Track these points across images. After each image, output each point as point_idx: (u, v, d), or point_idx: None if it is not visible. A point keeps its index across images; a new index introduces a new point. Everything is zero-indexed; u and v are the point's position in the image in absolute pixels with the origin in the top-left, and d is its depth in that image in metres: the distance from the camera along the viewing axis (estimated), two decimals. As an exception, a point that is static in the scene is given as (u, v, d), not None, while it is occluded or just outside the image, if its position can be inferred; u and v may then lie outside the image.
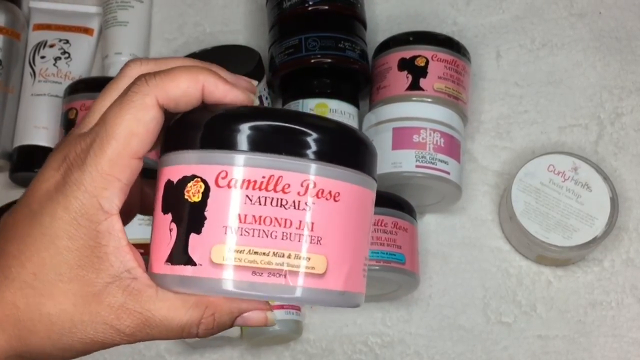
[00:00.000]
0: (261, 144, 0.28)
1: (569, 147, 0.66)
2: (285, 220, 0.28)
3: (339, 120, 0.30)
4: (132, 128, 0.28)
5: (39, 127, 0.67)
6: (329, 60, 0.61)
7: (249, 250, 0.27)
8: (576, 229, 0.59)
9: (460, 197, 0.62)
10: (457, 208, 0.64)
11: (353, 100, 0.64)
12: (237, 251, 0.27)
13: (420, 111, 0.60)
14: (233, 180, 0.28)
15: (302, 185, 0.28)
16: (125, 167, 0.28)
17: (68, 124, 0.64)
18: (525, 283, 0.62)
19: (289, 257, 0.28)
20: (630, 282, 0.62)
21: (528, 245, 0.61)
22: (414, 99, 0.61)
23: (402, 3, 0.72)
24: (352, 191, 0.29)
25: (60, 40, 0.70)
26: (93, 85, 0.65)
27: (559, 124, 0.67)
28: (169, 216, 0.29)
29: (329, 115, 0.61)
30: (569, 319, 0.61)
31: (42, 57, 0.70)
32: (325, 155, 0.28)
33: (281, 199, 0.28)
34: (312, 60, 0.61)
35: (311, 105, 0.62)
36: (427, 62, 0.61)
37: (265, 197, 0.27)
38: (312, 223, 0.28)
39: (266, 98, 0.65)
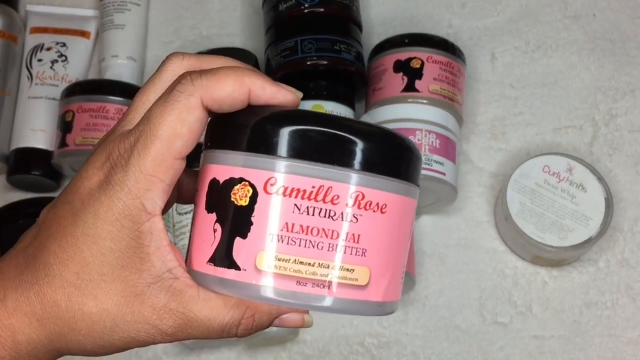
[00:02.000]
0: (311, 151, 0.27)
1: (563, 148, 0.66)
2: (332, 231, 0.28)
3: (389, 129, 0.30)
4: (176, 129, 0.28)
5: (36, 129, 0.67)
6: (325, 63, 0.61)
7: (295, 260, 0.27)
8: (571, 230, 0.59)
9: (455, 198, 0.62)
10: (453, 209, 0.65)
11: (349, 102, 0.64)
12: (282, 260, 0.27)
13: (416, 113, 0.60)
14: (282, 187, 0.27)
15: (350, 197, 0.28)
16: (169, 168, 0.28)
17: (65, 126, 0.64)
18: (520, 283, 0.62)
19: (333, 268, 0.28)
20: (625, 282, 0.62)
21: (523, 246, 0.61)
22: (409, 100, 0.61)
23: (397, 5, 0.73)
24: (398, 202, 0.29)
25: (57, 43, 0.71)
26: (90, 88, 0.65)
27: (554, 125, 0.67)
28: (214, 216, 0.29)
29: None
30: (565, 319, 0.61)
31: (39, 60, 0.70)
32: (374, 166, 0.28)
33: (329, 210, 0.27)
34: (308, 63, 0.61)
35: (307, 107, 0.62)
36: (422, 64, 0.62)
37: (314, 208, 0.27)
38: (359, 235, 0.28)
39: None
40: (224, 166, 0.29)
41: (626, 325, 0.61)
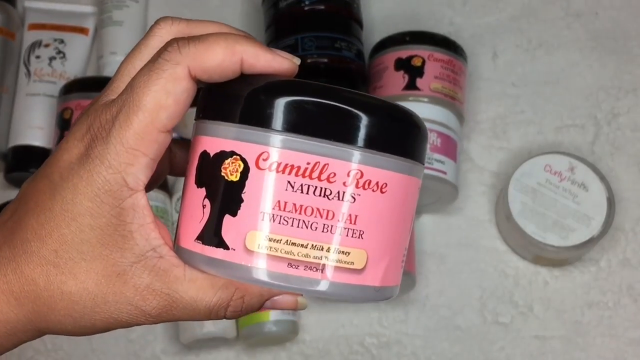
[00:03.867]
0: (308, 125, 0.26)
1: (565, 147, 0.66)
2: (328, 211, 0.26)
3: (393, 102, 0.28)
4: (161, 100, 0.26)
5: (34, 127, 0.67)
6: (325, 60, 0.61)
7: (287, 241, 0.26)
8: (573, 229, 0.59)
9: (456, 197, 0.62)
10: (454, 208, 0.64)
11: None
12: (273, 240, 0.26)
13: (417, 111, 0.59)
14: (275, 163, 0.26)
15: (348, 175, 0.26)
16: (153, 142, 0.26)
17: (63, 124, 0.63)
18: (522, 283, 0.62)
19: (327, 250, 0.26)
20: (626, 282, 0.62)
21: (525, 246, 0.60)
22: (410, 98, 0.61)
23: (398, 3, 0.72)
24: (400, 181, 0.27)
25: (55, 40, 0.70)
26: (88, 85, 0.64)
27: (556, 124, 0.67)
28: (203, 191, 0.27)
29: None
30: (566, 319, 0.61)
31: (37, 57, 0.69)
32: (376, 143, 0.26)
33: (325, 189, 0.26)
34: (309, 60, 0.61)
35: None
36: (423, 62, 0.61)
37: (309, 186, 0.26)
38: (356, 216, 0.26)
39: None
40: (215, 138, 0.27)
41: (628, 325, 0.61)
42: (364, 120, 0.26)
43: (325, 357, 0.61)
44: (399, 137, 0.27)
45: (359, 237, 0.27)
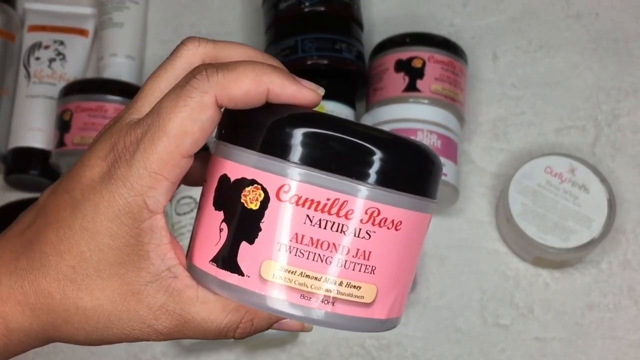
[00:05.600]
0: (330, 161, 0.26)
1: (566, 148, 0.66)
2: (343, 247, 0.26)
3: (412, 140, 0.28)
4: (187, 127, 0.26)
5: (33, 129, 0.67)
6: (325, 62, 0.61)
7: (301, 273, 0.27)
8: (573, 231, 0.59)
9: (457, 198, 0.61)
10: (454, 210, 0.64)
11: (350, 102, 0.64)
12: (288, 271, 0.26)
13: (417, 113, 0.60)
14: (296, 196, 0.26)
15: (366, 213, 0.26)
16: (175, 167, 0.27)
17: (63, 125, 0.63)
18: (522, 285, 0.62)
19: (340, 284, 0.27)
20: (627, 284, 0.62)
21: (525, 247, 0.60)
22: (410, 100, 0.61)
23: (398, 4, 0.72)
24: (414, 219, 0.28)
25: (55, 42, 0.70)
26: (88, 87, 0.64)
27: (556, 125, 0.67)
28: (221, 214, 0.28)
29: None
30: (567, 321, 0.61)
31: (37, 59, 0.69)
32: (394, 182, 0.27)
33: (342, 225, 0.26)
34: (309, 62, 0.61)
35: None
36: (424, 64, 0.61)
37: (327, 221, 0.26)
38: (370, 252, 0.27)
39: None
40: (236, 164, 0.27)
41: (628, 327, 0.61)
42: (384, 159, 0.26)
43: (325, 359, 0.61)
44: (417, 176, 0.28)
45: (370, 273, 0.27)
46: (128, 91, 0.64)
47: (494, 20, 0.71)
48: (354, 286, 0.27)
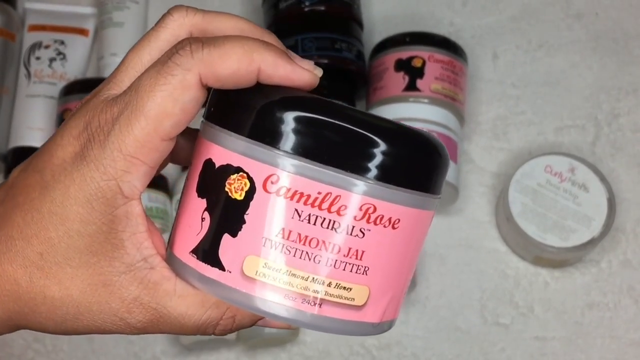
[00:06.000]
0: (324, 151, 0.24)
1: (566, 148, 0.66)
2: (334, 245, 0.24)
3: (415, 128, 0.26)
4: (167, 107, 0.24)
5: (34, 128, 0.67)
6: (325, 61, 0.61)
7: (287, 271, 0.24)
8: (573, 230, 0.59)
9: (457, 198, 0.61)
10: (454, 209, 0.64)
11: (349, 101, 0.64)
12: (273, 269, 0.24)
13: (417, 112, 0.60)
14: (284, 188, 0.24)
15: (360, 209, 0.24)
16: (153, 150, 0.25)
17: (63, 125, 0.63)
18: (522, 284, 0.62)
19: (329, 285, 0.25)
20: (627, 283, 0.62)
21: (525, 247, 0.60)
22: (410, 99, 0.61)
23: (398, 4, 0.72)
24: (413, 216, 0.25)
25: (55, 41, 0.70)
26: (88, 87, 0.64)
27: (556, 124, 0.67)
28: (204, 202, 0.25)
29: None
30: (566, 320, 0.61)
31: (37, 58, 0.69)
32: (393, 176, 0.24)
33: (334, 221, 0.24)
34: (309, 61, 0.61)
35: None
36: (423, 63, 0.61)
37: (317, 216, 0.24)
38: (363, 251, 0.25)
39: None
40: (221, 148, 0.25)
41: (628, 326, 0.61)
42: (386, 151, 0.24)
43: (325, 359, 0.61)
44: (420, 170, 0.25)
45: (363, 273, 0.25)
46: (128, 91, 0.64)
47: (494, 20, 0.71)
48: (344, 287, 0.25)
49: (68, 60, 0.70)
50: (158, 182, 0.63)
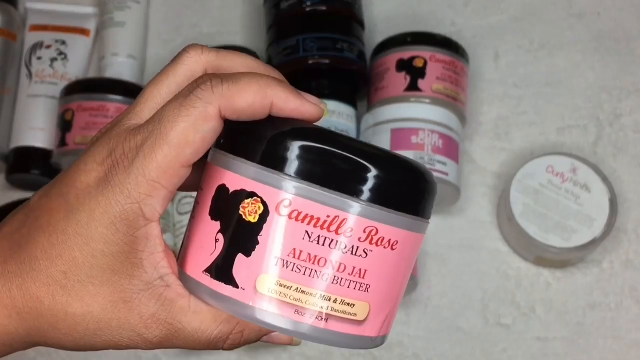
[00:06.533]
0: (332, 178, 0.26)
1: (567, 148, 0.66)
2: (340, 264, 0.26)
3: (408, 159, 0.28)
4: (189, 137, 0.26)
5: (35, 128, 0.67)
6: (327, 62, 0.61)
7: (297, 288, 0.26)
8: (575, 231, 0.59)
9: (458, 198, 0.61)
10: (456, 209, 0.64)
11: (351, 102, 0.64)
12: (284, 286, 0.26)
13: (419, 112, 0.60)
14: (295, 212, 0.26)
15: (364, 232, 0.27)
16: (174, 176, 0.27)
17: (65, 125, 0.63)
18: (524, 285, 0.62)
19: (334, 301, 0.27)
20: (629, 283, 0.62)
21: (527, 247, 0.60)
22: (412, 100, 0.61)
23: (400, 4, 0.72)
24: (409, 239, 0.28)
25: (56, 41, 0.70)
26: (90, 87, 0.64)
27: (558, 125, 0.67)
28: (217, 224, 0.27)
29: (327, 116, 0.61)
30: (568, 321, 0.61)
31: (39, 58, 0.69)
32: (391, 201, 0.27)
33: (340, 242, 0.26)
34: (310, 62, 0.61)
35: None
36: (425, 63, 0.61)
37: (325, 238, 0.26)
38: (365, 270, 0.27)
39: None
40: (235, 175, 0.27)
41: (630, 327, 0.60)
42: (383, 178, 0.27)
43: (326, 359, 0.61)
44: (413, 195, 0.28)
45: (365, 291, 0.27)
46: (129, 91, 0.65)
47: (496, 20, 0.71)
48: (348, 303, 0.27)
49: (69, 60, 0.70)
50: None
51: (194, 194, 0.63)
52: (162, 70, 0.29)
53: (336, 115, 0.62)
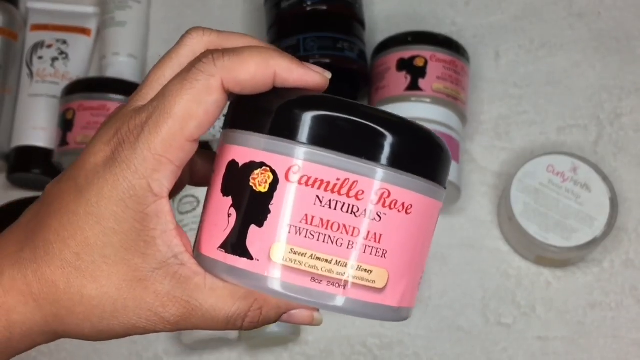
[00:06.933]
0: (339, 141, 0.26)
1: (568, 147, 0.66)
2: (354, 228, 0.26)
3: (421, 125, 0.28)
4: (192, 109, 0.26)
5: (36, 128, 0.67)
6: (328, 61, 0.61)
7: (312, 255, 0.26)
8: (575, 230, 0.59)
9: (459, 197, 0.61)
10: (456, 209, 0.64)
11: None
12: (299, 253, 0.26)
13: (419, 111, 0.60)
14: (305, 177, 0.26)
15: (376, 194, 0.26)
16: (179, 150, 0.27)
17: (65, 124, 0.63)
18: (524, 284, 0.62)
19: (351, 267, 0.26)
20: (629, 283, 0.62)
21: (527, 246, 0.60)
22: (412, 99, 0.61)
23: (400, 3, 0.72)
24: (424, 204, 0.27)
25: (57, 41, 0.70)
26: (91, 86, 0.65)
27: (558, 124, 0.67)
28: (229, 200, 0.27)
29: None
30: (569, 320, 0.61)
31: (40, 58, 0.69)
32: (404, 163, 0.26)
33: (353, 206, 0.26)
34: (311, 61, 0.61)
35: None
36: (426, 63, 0.61)
37: (337, 201, 0.26)
38: (380, 235, 0.26)
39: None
40: (244, 148, 0.27)
41: (631, 326, 0.61)
42: (394, 140, 0.26)
43: (327, 358, 0.61)
44: (426, 159, 0.28)
45: (382, 257, 0.27)
46: (130, 90, 0.65)
47: (496, 19, 0.71)
48: (366, 270, 0.26)
49: (70, 60, 0.70)
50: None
51: (195, 193, 0.63)
52: (166, 53, 0.29)
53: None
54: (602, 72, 0.68)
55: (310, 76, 0.28)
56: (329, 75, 0.29)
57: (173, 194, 0.30)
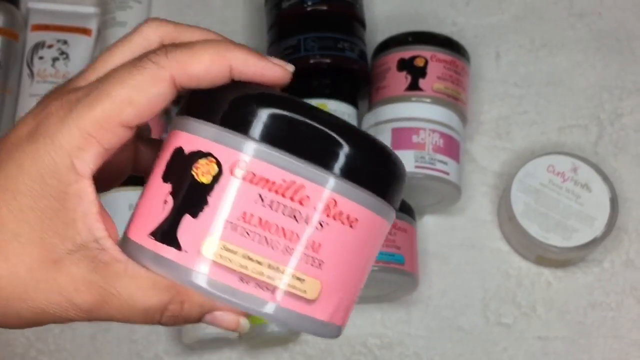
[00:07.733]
0: (291, 142, 0.25)
1: (568, 147, 0.66)
2: (293, 234, 0.25)
3: (380, 141, 0.27)
4: (132, 95, 0.25)
5: (37, 127, 0.67)
6: (328, 61, 0.61)
7: (244, 254, 0.25)
8: (576, 230, 0.59)
9: (459, 197, 0.61)
10: (457, 209, 0.64)
11: (352, 101, 0.64)
12: (230, 251, 0.25)
13: (420, 111, 0.60)
14: (250, 173, 0.25)
15: (322, 202, 0.25)
16: (111, 133, 0.25)
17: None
18: (524, 284, 0.62)
19: (283, 272, 0.25)
20: (630, 283, 0.62)
21: (527, 246, 0.60)
22: (413, 99, 0.61)
23: (401, 3, 0.72)
24: (370, 219, 0.26)
25: (58, 41, 0.70)
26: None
27: (559, 124, 0.67)
28: (168, 186, 0.26)
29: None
30: (569, 320, 0.61)
31: (40, 58, 0.69)
32: (355, 175, 0.25)
33: (295, 210, 0.25)
34: (311, 61, 0.61)
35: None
36: (426, 63, 0.61)
37: (279, 203, 0.25)
38: (319, 244, 0.25)
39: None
40: (193, 136, 0.26)
41: (631, 326, 0.61)
42: (350, 151, 0.25)
43: (327, 358, 0.61)
44: (379, 175, 0.27)
45: (317, 267, 0.25)
46: (131, 90, 0.65)
47: (497, 19, 0.71)
48: (298, 278, 0.25)
49: (71, 60, 0.70)
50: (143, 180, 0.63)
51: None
52: (119, 39, 0.28)
53: (337, 115, 0.62)
54: (603, 72, 0.68)
55: (269, 69, 0.27)
56: (291, 68, 0.27)
57: (113, 183, 0.28)
